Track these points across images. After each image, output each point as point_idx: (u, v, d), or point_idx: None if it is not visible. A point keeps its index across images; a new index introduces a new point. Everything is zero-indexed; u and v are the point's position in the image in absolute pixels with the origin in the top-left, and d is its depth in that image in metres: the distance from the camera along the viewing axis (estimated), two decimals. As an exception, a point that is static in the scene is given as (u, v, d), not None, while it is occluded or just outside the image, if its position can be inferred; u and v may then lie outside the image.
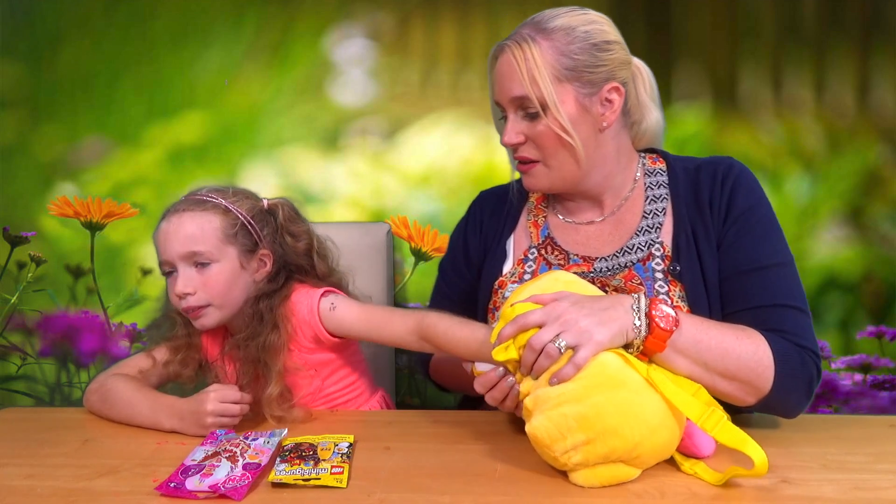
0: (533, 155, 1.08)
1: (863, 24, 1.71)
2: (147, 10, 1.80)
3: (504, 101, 1.08)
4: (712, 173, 1.11)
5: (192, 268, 1.09)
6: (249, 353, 1.11)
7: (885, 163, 1.74)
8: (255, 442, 0.94)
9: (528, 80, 1.03)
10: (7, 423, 1.10)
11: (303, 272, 1.19)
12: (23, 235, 1.85)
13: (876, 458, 0.91)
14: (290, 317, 1.14)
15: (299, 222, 1.20)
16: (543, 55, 1.03)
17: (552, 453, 0.83)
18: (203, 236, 1.09)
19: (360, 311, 1.14)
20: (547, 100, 1.03)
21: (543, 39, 1.04)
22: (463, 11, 1.77)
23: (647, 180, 1.14)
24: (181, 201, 1.13)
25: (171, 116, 1.81)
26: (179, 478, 0.86)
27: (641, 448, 0.83)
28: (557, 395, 0.84)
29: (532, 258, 1.15)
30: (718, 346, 0.93)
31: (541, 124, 1.05)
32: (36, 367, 1.88)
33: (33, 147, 1.85)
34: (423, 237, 1.78)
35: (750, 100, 1.74)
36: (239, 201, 1.14)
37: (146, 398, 1.07)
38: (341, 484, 0.85)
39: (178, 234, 1.09)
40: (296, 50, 1.80)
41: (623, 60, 1.08)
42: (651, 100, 1.14)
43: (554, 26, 1.05)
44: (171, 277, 1.11)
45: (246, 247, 1.12)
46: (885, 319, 1.75)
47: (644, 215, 1.12)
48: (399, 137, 1.80)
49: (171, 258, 1.09)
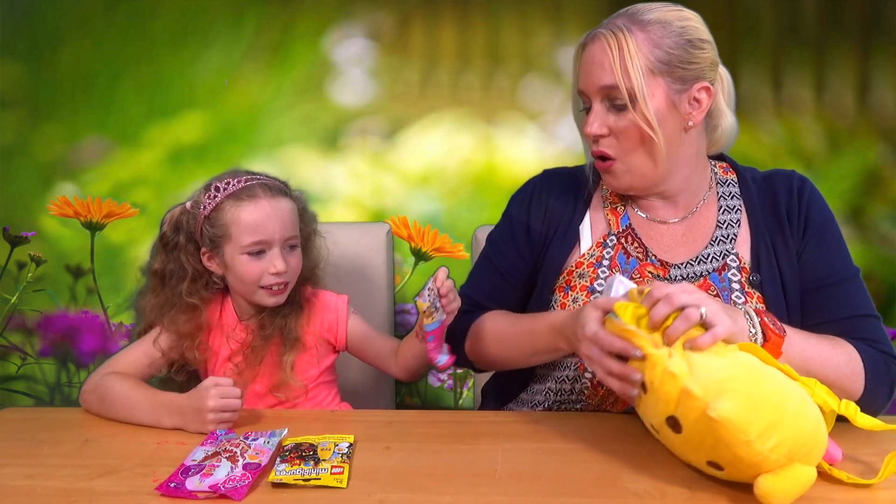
0: (612, 151, 1.07)
1: (863, 24, 1.72)
2: (147, 10, 1.80)
3: (592, 89, 1.06)
4: (787, 186, 1.12)
5: (287, 248, 1.16)
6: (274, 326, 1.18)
7: (885, 163, 1.74)
8: (255, 442, 0.94)
9: (620, 69, 1.02)
10: (7, 423, 1.10)
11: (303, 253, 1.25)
12: (23, 235, 1.85)
13: (876, 458, 0.91)
14: (311, 303, 1.22)
15: (308, 210, 1.26)
16: (639, 46, 1.02)
17: (746, 437, 0.75)
18: (295, 222, 1.18)
19: (368, 326, 1.25)
20: (637, 91, 1.02)
21: (639, 31, 1.03)
22: (463, 11, 1.77)
23: (720, 190, 1.15)
24: (263, 185, 1.16)
25: (171, 116, 1.81)
26: (179, 478, 0.85)
27: (814, 440, 0.79)
28: (727, 377, 0.79)
29: (611, 245, 1.13)
30: (820, 355, 0.97)
31: (626, 118, 1.04)
32: (36, 367, 1.88)
33: (33, 147, 1.85)
34: (423, 237, 1.78)
35: (750, 100, 1.74)
36: (293, 190, 1.23)
37: (145, 396, 1.07)
38: (341, 484, 0.85)
39: (282, 217, 1.15)
40: (296, 50, 1.80)
41: (713, 61, 1.08)
42: (728, 107, 1.13)
43: (650, 19, 1.04)
44: (255, 257, 1.14)
45: (302, 230, 1.21)
46: (885, 319, 1.75)
47: (718, 225, 1.11)
48: (399, 137, 1.80)
49: (274, 238, 1.14)
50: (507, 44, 1.77)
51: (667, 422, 0.81)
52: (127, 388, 1.09)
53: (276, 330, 1.18)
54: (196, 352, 1.18)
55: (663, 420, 0.81)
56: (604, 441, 0.95)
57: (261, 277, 1.14)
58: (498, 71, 1.78)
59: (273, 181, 1.19)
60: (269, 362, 1.18)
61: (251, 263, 1.14)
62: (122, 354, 1.18)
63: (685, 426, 0.79)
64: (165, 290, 1.18)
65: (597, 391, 1.07)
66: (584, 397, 1.09)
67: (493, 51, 1.78)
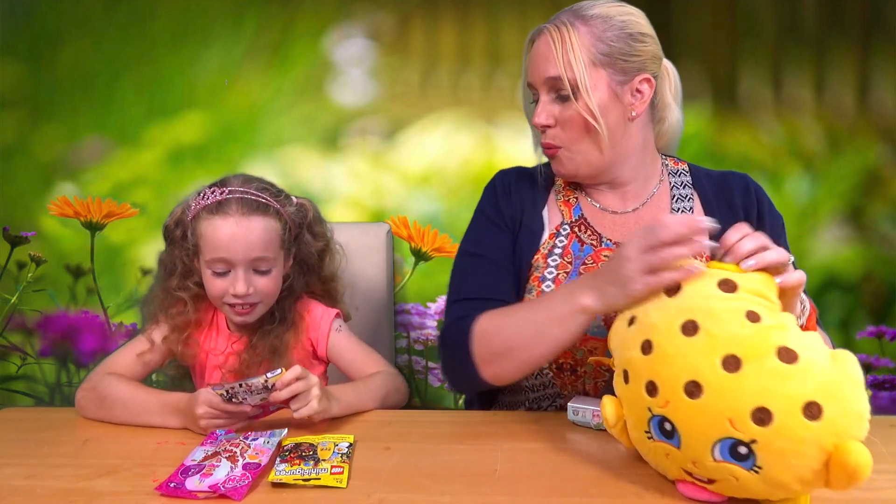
0: (557, 141, 1.11)
1: (863, 24, 1.72)
2: (147, 10, 1.80)
3: (537, 81, 1.10)
4: (744, 186, 1.17)
5: (251, 271, 1.11)
6: (265, 345, 1.15)
7: (885, 163, 1.74)
8: (255, 442, 0.94)
9: (563, 61, 1.06)
10: (7, 423, 1.10)
11: (310, 269, 1.22)
12: (23, 235, 1.85)
13: (876, 458, 0.91)
14: (303, 318, 1.19)
15: (322, 223, 1.23)
16: (581, 39, 1.06)
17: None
18: (269, 243, 1.11)
19: (353, 344, 1.20)
20: (579, 83, 1.06)
21: (582, 25, 1.07)
22: (463, 11, 1.77)
23: (672, 180, 1.19)
24: (240, 200, 1.11)
25: (171, 116, 1.81)
26: (179, 478, 0.85)
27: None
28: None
29: (564, 234, 1.15)
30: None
31: (571, 108, 1.08)
32: (36, 367, 1.88)
33: (33, 147, 1.85)
34: (422, 237, 1.78)
35: (750, 100, 1.74)
36: (286, 204, 1.16)
37: (152, 397, 1.06)
38: (341, 484, 0.85)
39: (248, 240, 1.10)
40: (296, 50, 1.80)
41: (655, 55, 1.11)
42: (674, 101, 1.18)
43: (592, 14, 1.08)
44: (220, 276, 1.11)
45: (288, 248, 1.16)
46: (885, 319, 1.75)
47: (672, 212, 1.15)
48: (399, 137, 1.80)
49: (235, 261, 1.10)
50: (507, 44, 1.77)
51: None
52: (131, 389, 1.08)
53: (266, 349, 1.16)
54: (183, 346, 1.16)
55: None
56: (604, 441, 0.95)
57: (223, 295, 1.12)
58: (498, 71, 1.78)
59: (255, 196, 1.12)
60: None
61: (214, 280, 1.12)
62: (115, 356, 1.17)
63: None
64: (165, 280, 1.19)
65: (559, 375, 1.10)
66: (555, 384, 1.11)
67: (493, 51, 1.78)
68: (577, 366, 1.10)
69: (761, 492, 0.76)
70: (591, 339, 1.09)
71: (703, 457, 0.75)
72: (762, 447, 0.72)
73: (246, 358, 1.16)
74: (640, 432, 0.81)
